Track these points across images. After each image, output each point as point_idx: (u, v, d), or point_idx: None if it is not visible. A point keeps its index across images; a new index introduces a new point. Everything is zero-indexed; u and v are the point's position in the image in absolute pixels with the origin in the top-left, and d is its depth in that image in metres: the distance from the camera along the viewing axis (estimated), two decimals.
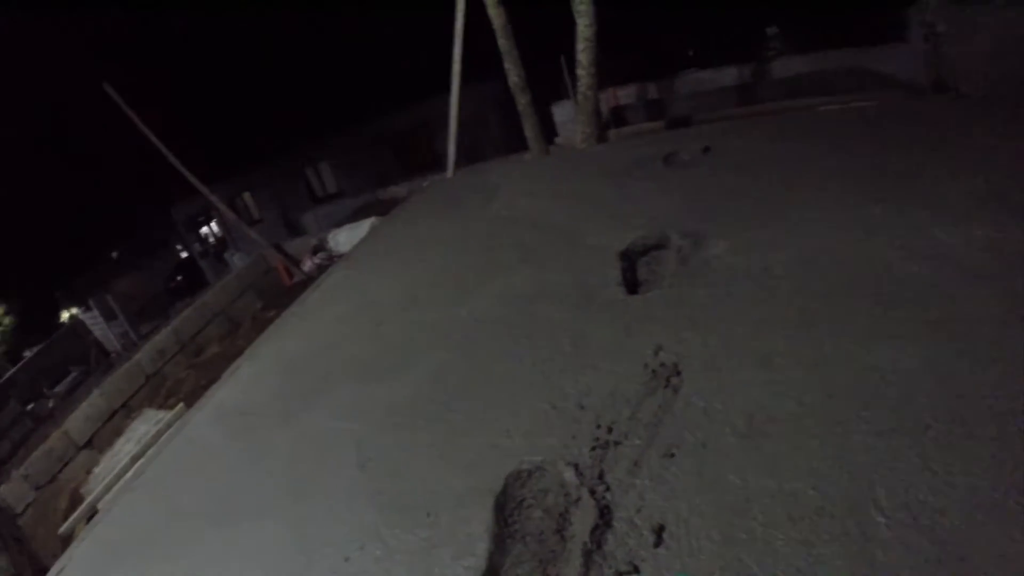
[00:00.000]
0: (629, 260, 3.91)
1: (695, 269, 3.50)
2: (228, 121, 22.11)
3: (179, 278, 23.25)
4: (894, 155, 4.56)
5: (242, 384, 4.71)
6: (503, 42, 9.26)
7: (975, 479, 1.89)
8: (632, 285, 3.65)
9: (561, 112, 12.51)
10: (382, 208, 12.26)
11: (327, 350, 4.40)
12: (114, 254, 26.85)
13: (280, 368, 4.57)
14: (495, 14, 9.13)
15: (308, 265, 12.11)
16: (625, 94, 14.44)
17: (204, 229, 23.99)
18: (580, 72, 8.89)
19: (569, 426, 2.61)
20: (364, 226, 10.87)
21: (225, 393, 4.72)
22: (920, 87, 12.91)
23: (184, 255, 25.06)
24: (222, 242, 22.48)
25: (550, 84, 10.30)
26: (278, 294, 11.60)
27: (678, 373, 2.67)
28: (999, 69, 11.53)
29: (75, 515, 7.09)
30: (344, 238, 11.44)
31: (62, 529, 6.97)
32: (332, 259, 11.11)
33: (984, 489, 1.85)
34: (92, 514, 6.61)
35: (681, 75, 14.97)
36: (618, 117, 13.15)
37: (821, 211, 3.82)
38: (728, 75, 14.71)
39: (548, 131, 12.32)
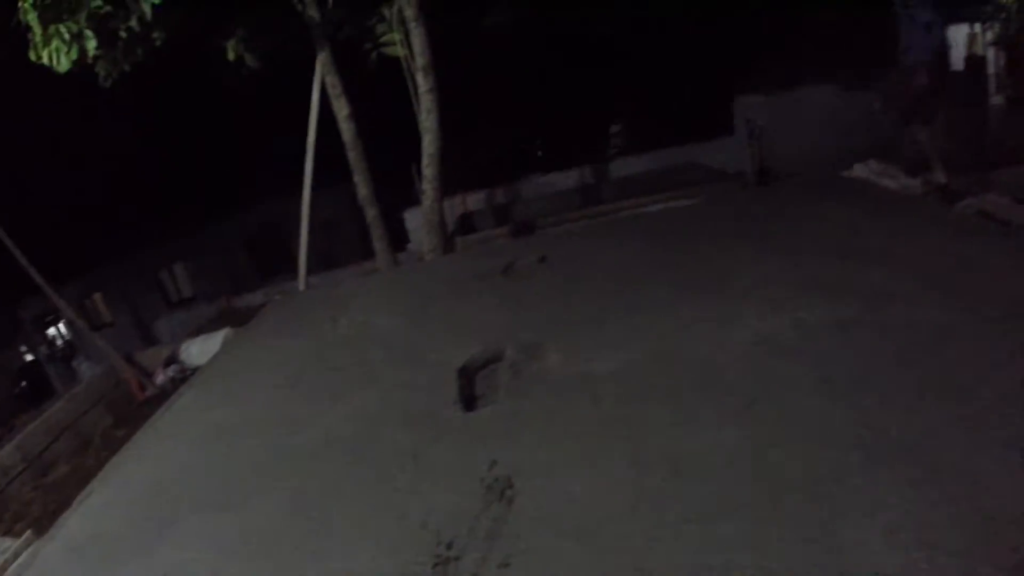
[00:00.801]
0: (467, 376, 4.17)
1: (528, 381, 3.82)
2: (80, 215, 21.29)
3: (23, 383, 21.96)
4: (715, 249, 5.15)
5: (94, 511, 4.61)
6: (353, 155, 9.63)
7: (798, 547, 2.19)
8: (470, 401, 3.90)
9: (412, 219, 12.98)
10: (236, 318, 12.21)
11: (181, 476, 4.42)
12: None
13: (133, 495, 4.53)
14: (345, 128, 9.50)
15: (161, 378, 11.80)
16: (474, 200, 15.03)
17: (52, 330, 22.87)
18: (425, 186, 9.32)
19: (413, 546, 2.78)
20: (217, 338, 10.80)
21: (76, 522, 4.60)
22: (747, 176, 14.21)
23: (29, 358, 23.69)
24: (71, 346, 21.46)
25: (403, 189, 10.71)
26: (130, 409, 11.21)
27: (511, 485, 2.93)
28: (809, 155, 12.91)
29: None
30: (197, 350, 11.28)
31: None
32: (186, 372, 10.92)
33: (809, 553, 2.16)
34: None
35: (527, 179, 15.74)
36: (467, 223, 13.71)
37: (646, 313, 4.25)
38: (571, 178, 15.58)
39: (401, 236, 12.69)
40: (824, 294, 3.93)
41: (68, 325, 21.44)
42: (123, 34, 8.23)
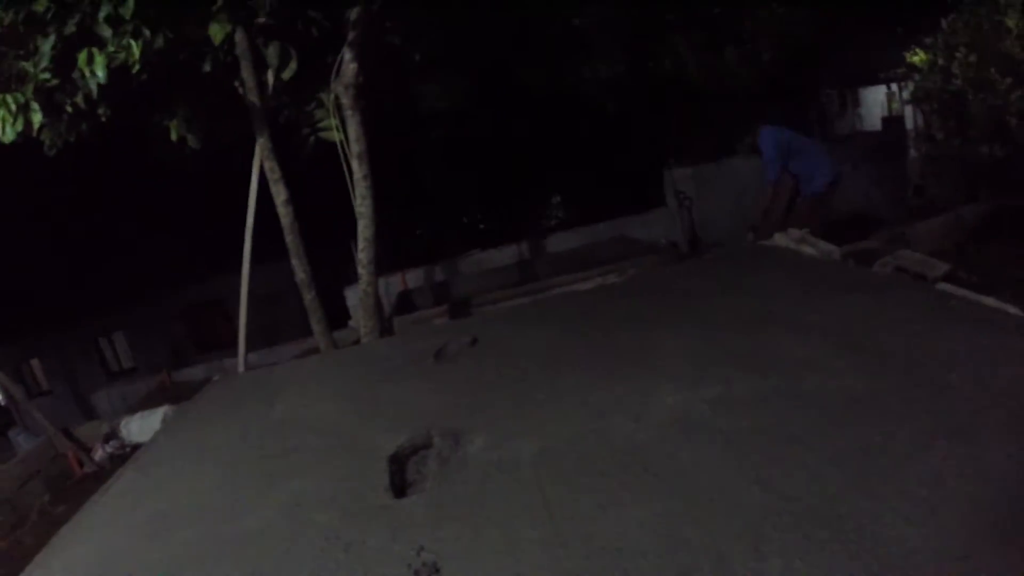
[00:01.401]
0: (398, 463, 4.25)
1: (454, 467, 3.90)
2: (19, 280, 20.94)
3: None
4: (640, 326, 5.35)
5: None
6: (290, 239, 9.77)
7: None
8: (400, 488, 3.96)
9: (353, 296, 13.07)
10: (177, 393, 12.11)
11: (115, 564, 4.40)
12: None
13: None
14: (283, 213, 9.64)
15: (100, 454, 11.62)
16: (413, 277, 15.22)
17: None
18: (361, 271, 9.46)
19: None
20: (157, 416, 10.72)
21: None
22: (679, 246, 14.67)
23: None
24: (6, 415, 20.77)
25: (345, 265, 10.82)
26: (68, 485, 10.99)
27: (437, 570, 2.99)
28: (734, 221, 13.39)
29: None
30: (136, 428, 11.19)
31: None
32: (125, 448, 10.79)
33: None
34: None
35: (465, 256, 15.99)
36: (406, 301, 13.84)
37: (570, 395, 4.36)
38: (508, 254, 15.90)
39: (343, 312, 12.72)
40: (741, 367, 4.12)
41: (3, 392, 20.87)
42: (69, 108, 8.31)
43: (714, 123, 16.22)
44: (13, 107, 7.62)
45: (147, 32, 7.77)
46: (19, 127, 7.69)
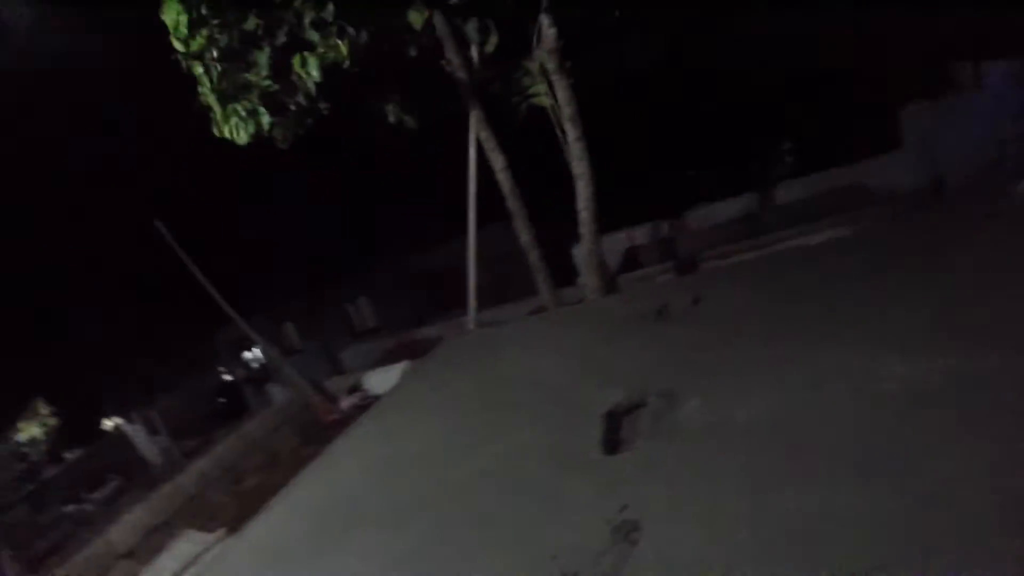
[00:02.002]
0: (612, 420, 4.41)
1: (667, 427, 4.00)
2: (273, 252, 23.30)
3: (222, 400, 23.79)
4: (866, 289, 4.96)
5: (278, 519, 5.30)
6: (512, 204, 10.04)
7: None
8: (611, 445, 4.13)
9: (580, 255, 13.15)
10: (415, 349, 12.95)
11: (353, 496, 4.98)
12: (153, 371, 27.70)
13: (312, 508, 5.15)
14: (502, 179, 9.95)
15: (345, 404, 12.75)
16: (638, 234, 15.05)
17: (248, 354, 24.78)
18: (583, 230, 9.55)
19: (539, 575, 3.09)
20: (396, 371, 11.52)
21: (262, 526, 5.31)
22: (921, 194, 13.18)
23: (227, 378, 25.69)
24: (264, 370, 23.16)
25: (572, 224, 11.00)
26: (315, 431, 12.16)
27: (637, 528, 3.14)
28: (985, 163, 11.74)
29: None
30: (377, 381, 12.15)
31: None
32: (367, 399, 11.70)
33: None
34: None
35: (692, 210, 15.56)
36: (632, 258, 13.78)
37: (789, 361, 4.22)
38: (734, 206, 15.23)
39: (572, 271, 13.00)
40: (983, 337, 3.63)
41: (263, 351, 23.19)
42: (292, 107, 9.18)
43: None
44: (243, 113, 8.71)
45: (351, 30, 8.52)
46: (251, 129, 8.79)
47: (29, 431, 27.52)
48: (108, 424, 25.19)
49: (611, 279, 10.69)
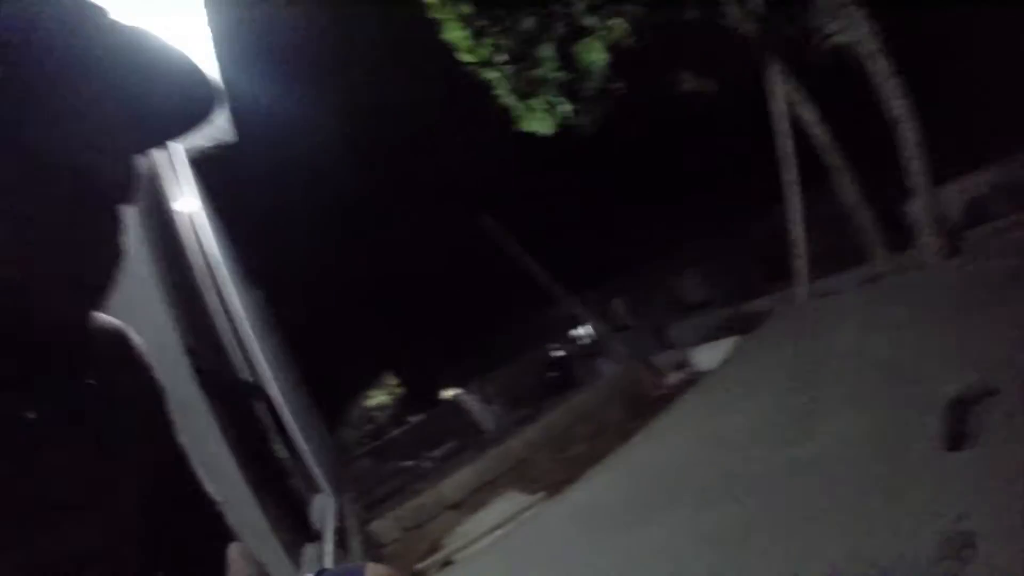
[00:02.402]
0: (957, 410, 3.82)
1: (1022, 423, 3.40)
2: (595, 232, 23.88)
3: (552, 374, 24.75)
4: None
5: (598, 487, 5.37)
6: (832, 159, 9.25)
7: None
8: (954, 439, 3.61)
9: (913, 212, 11.74)
10: (744, 324, 12.45)
11: (675, 470, 4.88)
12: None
13: (632, 479, 5.19)
14: (818, 132, 9.17)
15: (671, 380, 12.65)
16: (986, 179, 12.91)
17: (577, 331, 25.62)
18: (914, 183, 8.51)
19: None
20: (723, 346, 11.16)
21: (582, 492, 5.43)
22: None
23: (558, 353, 26.72)
24: (593, 345, 23.72)
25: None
26: (641, 405, 12.20)
27: (972, 546, 2.68)
28: None
29: (432, 559, 8.18)
30: (704, 357, 11.91)
31: (417, 567, 8.06)
32: (694, 375, 11.51)
33: None
34: (446, 563, 7.63)
35: None
36: (978, 210, 11.87)
37: None
38: None
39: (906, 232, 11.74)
40: None
41: (592, 327, 23.70)
42: (587, 93, 9.28)
43: None
44: (544, 107, 8.97)
45: (626, 7, 8.54)
46: (554, 120, 9.09)
47: (378, 398, 31.23)
48: (447, 393, 27.55)
49: (954, 237, 9.35)
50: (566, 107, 9.02)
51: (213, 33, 5.77)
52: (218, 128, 7.00)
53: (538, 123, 9.09)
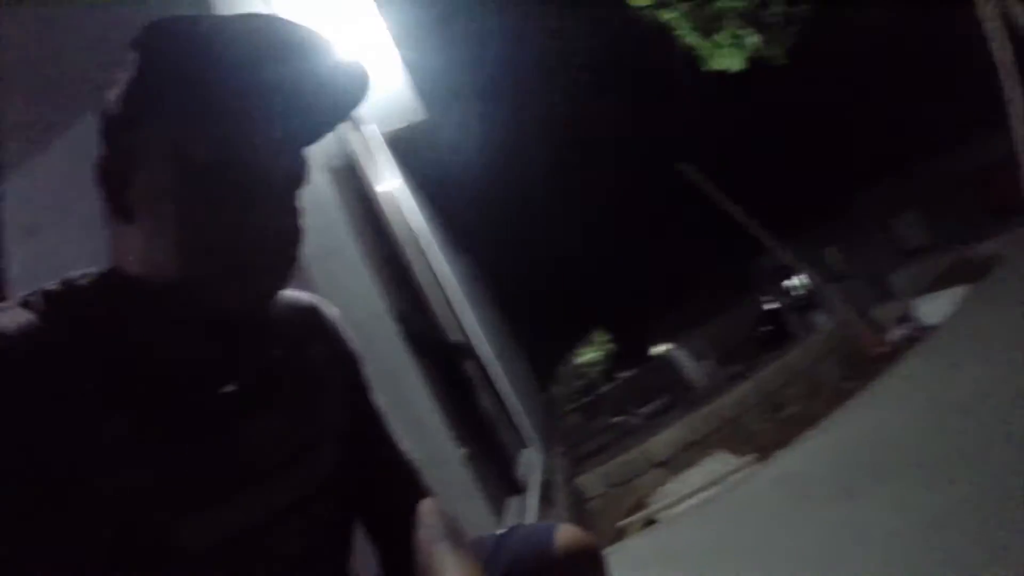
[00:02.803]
0: None
1: None
2: (811, 167, 22.61)
3: (764, 328, 23.82)
4: None
5: (810, 453, 5.09)
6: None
7: None
8: None
9: None
10: (969, 270, 11.39)
11: (893, 440, 4.52)
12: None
13: (845, 447, 4.87)
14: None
15: (893, 336, 11.79)
16: None
17: (789, 282, 24.46)
18: None
19: None
20: (949, 297, 10.24)
21: (791, 459, 5.17)
22: None
23: (769, 306, 25.67)
24: (806, 297, 22.55)
25: None
26: (860, 364, 11.53)
27: None
28: None
29: (635, 516, 8.20)
30: (929, 309, 10.93)
31: (620, 523, 8.08)
32: (917, 331, 10.68)
33: None
34: (649, 522, 7.59)
35: None
36: None
37: None
38: None
39: None
40: None
41: (805, 278, 22.54)
42: (772, 20, 8.74)
43: None
44: (730, 41, 8.48)
45: None
46: (743, 54, 8.57)
47: (589, 355, 31.57)
48: (657, 349, 27.35)
49: None
50: (753, 39, 8.50)
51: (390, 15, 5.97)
52: (408, 108, 7.28)
53: (727, 59, 8.62)
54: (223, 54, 0.94)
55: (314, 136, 1.09)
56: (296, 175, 1.04)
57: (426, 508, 1.25)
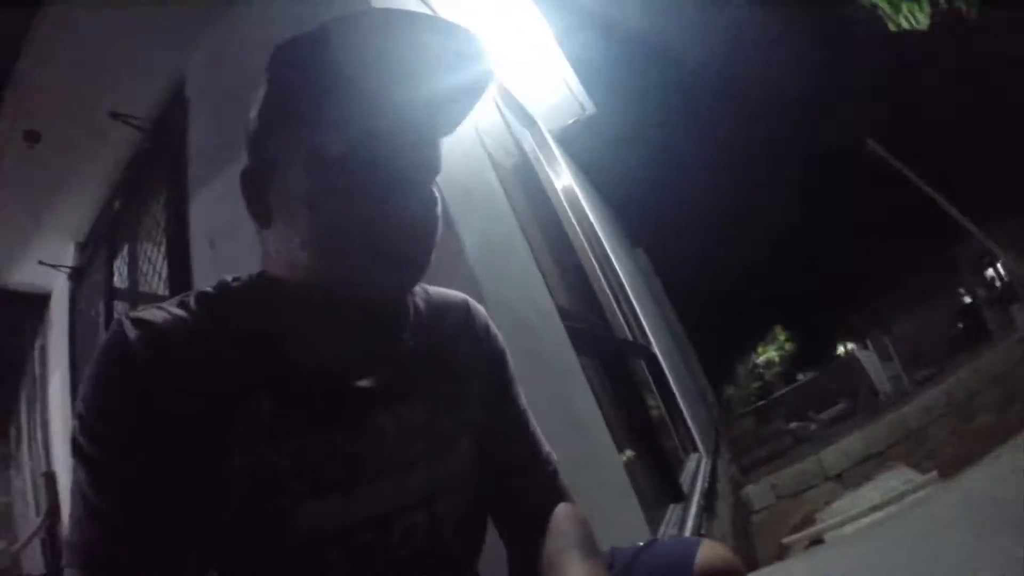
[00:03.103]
0: None
1: None
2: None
3: (960, 326, 22.00)
4: None
5: (1002, 474, 4.63)
6: None
7: None
8: None
9: None
10: None
11: None
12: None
13: None
14: None
15: None
16: None
17: (989, 272, 22.59)
18: None
19: None
20: None
21: (981, 478, 4.72)
22: None
23: (966, 300, 23.69)
24: (1007, 289, 20.66)
25: None
26: None
27: None
28: None
29: (801, 534, 7.86)
30: None
31: (786, 539, 7.75)
32: None
33: None
34: (816, 540, 7.24)
35: None
36: None
37: None
38: None
39: None
40: None
41: (1006, 266, 20.68)
42: None
43: None
44: None
45: None
46: (926, 9, 7.81)
47: (767, 354, 30.37)
48: (841, 348, 25.98)
49: None
50: None
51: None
52: (575, 104, 7.30)
53: (913, 16, 7.90)
54: (342, 56, 0.97)
55: (445, 125, 1.11)
56: (430, 165, 1.06)
57: (560, 513, 1.25)
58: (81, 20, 3.97)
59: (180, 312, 1.00)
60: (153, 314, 0.97)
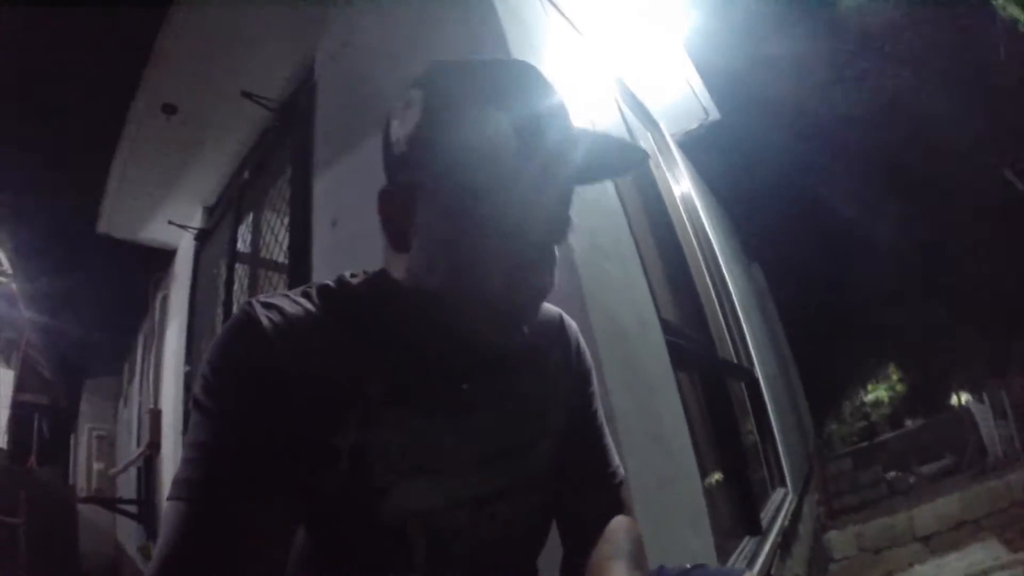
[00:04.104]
0: None
1: None
2: None
3: None
4: None
5: None
6: None
7: None
8: None
9: None
10: None
11: None
12: None
13: None
14: None
15: None
16: None
17: None
18: None
19: None
20: None
21: None
22: None
23: None
24: None
25: None
26: None
27: None
28: None
29: None
30: None
31: None
32: None
33: None
34: None
35: None
36: None
37: None
38: None
39: None
40: None
41: None
42: None
43: None
44: None
45: None
46: None
47: (876, 392, 29.02)
48: (956, 398, 24.71)
49: None
50: None
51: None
52: (698, 109, 7.20)
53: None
54: (498, 97, 1.04)
55: (583, 182, 1.16)
56: (567, 223, 1.13)
57: (616, 524, 1.32)
58: (216, 2, 4.26)
59: (304, 302, 1.09)
60: (281, 301, 1.07)
